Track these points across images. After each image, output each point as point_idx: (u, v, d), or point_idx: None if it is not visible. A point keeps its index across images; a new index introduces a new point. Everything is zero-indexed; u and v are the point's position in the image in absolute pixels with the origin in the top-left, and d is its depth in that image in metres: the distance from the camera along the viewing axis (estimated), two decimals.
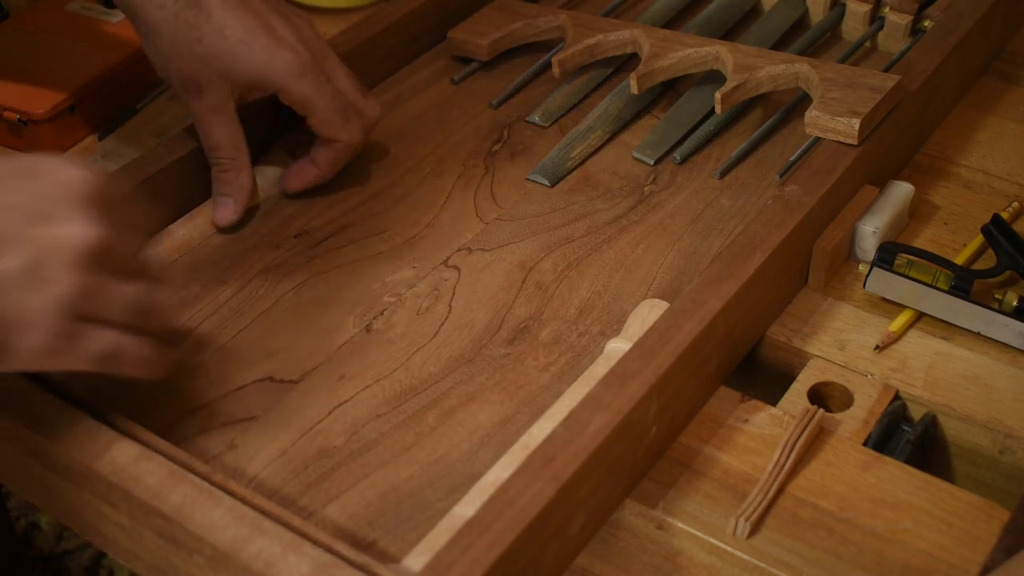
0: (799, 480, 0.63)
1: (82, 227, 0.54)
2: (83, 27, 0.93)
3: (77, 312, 0.54)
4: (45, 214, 0.54)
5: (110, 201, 0.56)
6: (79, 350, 0.55)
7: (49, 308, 0.53)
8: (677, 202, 0.80)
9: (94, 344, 0.55)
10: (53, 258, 0.53)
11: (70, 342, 0.54)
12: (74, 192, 0.55)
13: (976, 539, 0.60)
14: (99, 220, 0.55)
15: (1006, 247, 0.73)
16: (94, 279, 0.54)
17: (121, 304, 0.56)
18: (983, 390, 0.68)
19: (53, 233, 0.53)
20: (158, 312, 0.59)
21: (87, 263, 0.54)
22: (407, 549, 0.58)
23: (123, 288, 0.56)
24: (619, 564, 0.60)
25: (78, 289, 0.53)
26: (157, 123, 0.89)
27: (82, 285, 0.54)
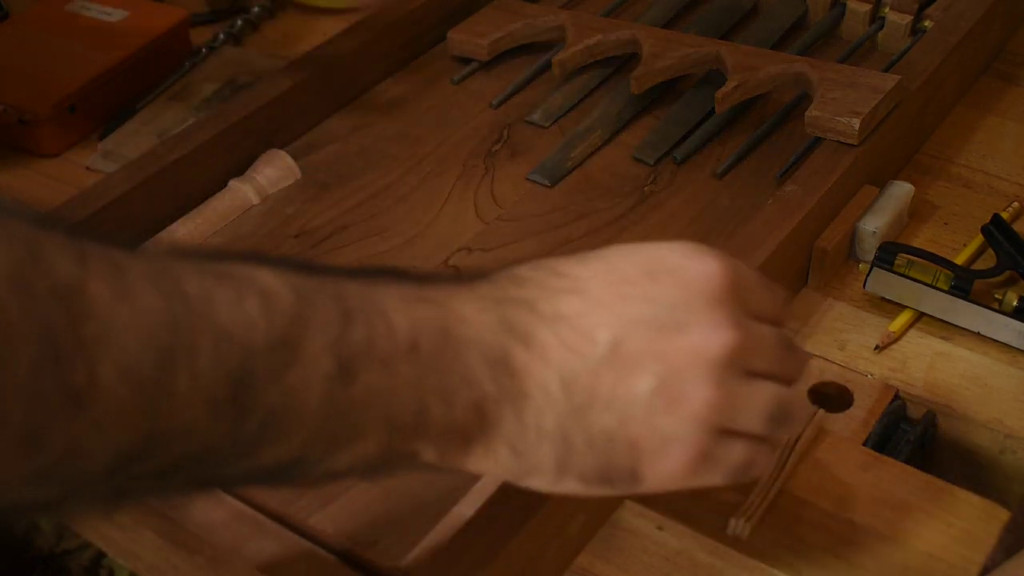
0: (799, 480, 0.63)
1: (716, 333, 0.47)
2: (83, 27, 0.93)
3: (716, 428, 0.48)
4: (677, 323, 0.47)
5: (746, 290, 0.50)
6: (717, 467, 0.48)
7: (688, 429, 0.47)
8: (677, 202, 0.80)
9: (732, 458, 0.49)
10: (689, 373, 0.47)
11: (708, 461, 0.48)
12: (707, 292, 0.48)
13: (976, 539, 0.60)
14: (734, 321, 0.48)
15: (1006, 247, 0.73)
16: (732, 389, 0.48)
17: (761, 410, 0.49)
18: (983, 390, 0.68)
19: (686, 344, 0.47)
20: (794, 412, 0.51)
21: (724, 373, 0.47)
22: (407, 549, 0.58)
23: (763, 391, 0.49)
24: (619, 564, 0.60)
25: (717, 405, 0.47)
26: (157, 123, 0.89)
27: (721, 399, 0.47)
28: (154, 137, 0.87)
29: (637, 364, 0.46)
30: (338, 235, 0.78)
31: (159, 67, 0.93)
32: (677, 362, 0.47)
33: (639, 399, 0.46)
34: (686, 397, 0.47)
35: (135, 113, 0.90)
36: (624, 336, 0.47)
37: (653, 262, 0.49)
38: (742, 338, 0.48)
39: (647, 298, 0.48)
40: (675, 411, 0.47)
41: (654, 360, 0.47)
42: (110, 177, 0.76)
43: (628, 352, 0.47)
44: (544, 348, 0.46)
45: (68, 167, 0.87)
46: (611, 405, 0.46)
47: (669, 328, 0.47)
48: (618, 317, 0.47)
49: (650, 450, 0.47)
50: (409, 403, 0.44)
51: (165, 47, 0.94)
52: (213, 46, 0.96)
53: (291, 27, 1.02)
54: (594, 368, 0.46)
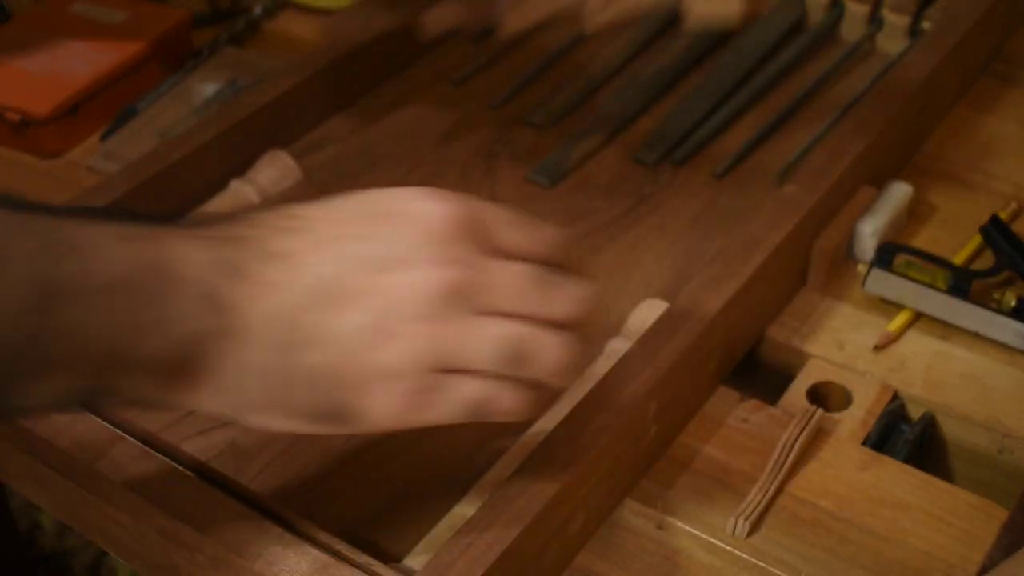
0: (798, 480, 0.63)
1: (433, 269, 0.47)
2: (85, 28, 0.93)
3: (434, 365, 0.48)
4: (393, 260, 0.48)
5: (490, 229, 0.50)
6: (439, 405, 0.48)
7: (401, 365, 0.47)
8: (677, 202, 0.81)
9: (457, 396, 0.48)
10: (403, 308, 0.47)
11: (428, 397, 0.48)
12: (432, 231, 0.48)
13: (975, 538, 0.60)
14: (457, 258, 0.48)
15: (1004, 247, 0.73)
16: (451, 326, 0.47)
17: (488, 347, 0.48)
18: (981, 390, 0.68)
19: (398, 281, 0.47)
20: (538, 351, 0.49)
21: (441, 309, 0.47)
22: (407, 549, 0.58)
23: (491, 328, 0.48)
24: (619, 563, 0.60)
25: (431, 340, 0.47)
26: (158, 123, 0.89)
27: (435, 335, 0.47)
28: (155, 138, 0.87)
29: (350, 300, 0.47)
30: None
31: (160, 68, 0.93)
32: (391, 298, 0.47)
33: (350, 335, 0.47)
34: (398, 333, 0.47)
35: (136, 114, 0.90)
36: (338, 273, 0.47)
37: (383, 204, 0.49)
38: (465, 275, 0.48)
39: (368, 236, 0.48)
40: (387, 347, 0.47)
41: (367, 296, 0.47)
42: (111, 178, 0.76)
43: (341, 289, 0.47)
44: (255, 285, 0.47)
45: (69, 168, 0.87)
46: (321, 342, 0.47)
47: (385, 265, 0.47)
48: (335, 254, 0.48)
49: (363, 386, 0.47)
50: (115, 337, 0.44)
51: (166, 48, 0.94)
52: (214, 47, 0.97)
53: (291, 28, 1.02)
54: (305, 304, 0.47)
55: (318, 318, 0.47)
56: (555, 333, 0.50)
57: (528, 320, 0.49)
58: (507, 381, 0.49)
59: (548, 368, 0.50)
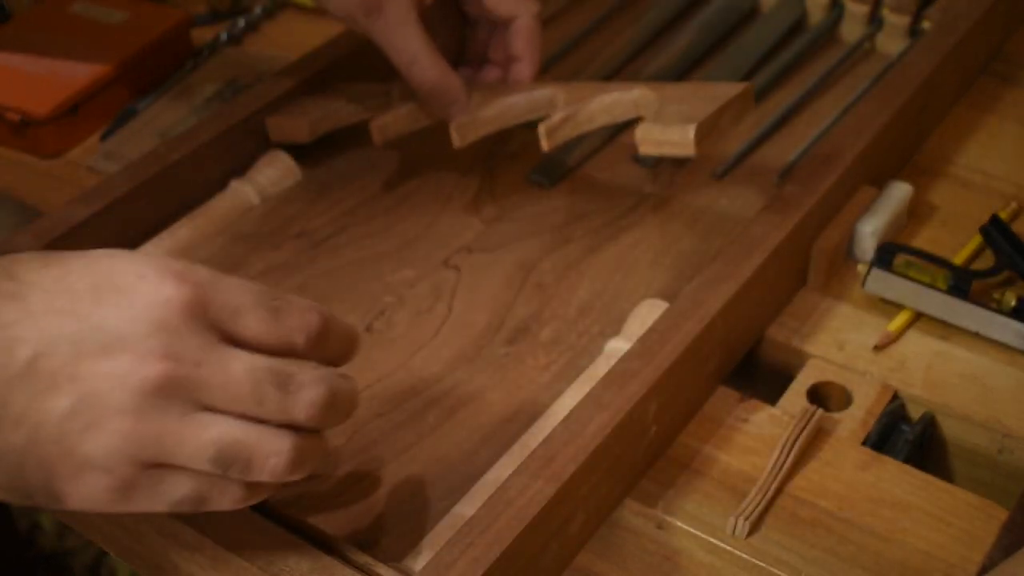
0: (798, 480, 0.63)
1: (144, 361, 0.45)
2: (85, 28, 0.93)
3: (141, 461, 0.46)
4: (106, 346, 0.45)
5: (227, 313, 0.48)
6: (146, 500, 0.47)
7: (105, 459, 0.45)
8: (677, 202, 0.81)
9: (166, 493, 0.47)
10: (110, 399, 0.45)
11: (133, 492, 0.46)
12: (153, 316, 0.46)
13: (975, 538, 0.60)
14: (173, 351, 0.46)
15: (1004, 247, 0.73)
16: (160, 423, 0.45)
17: (200, 447, 0.46)
18: (981, 390, 0.68)
19: (107, 369, 0.45)
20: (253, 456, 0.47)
21: (149, 404, 0.45)
22: (407, 549, 0.58)
23: (206, 428, 0.46)
24: (619, 563, 0.60)
25: (136, 437, 0.45)
26: (158, 123, 0.89)
27: (140, 431, 0.45)
28: (155, 138, 0.87)
29: (54, 384, 0.45)
30: (338, 235, 0.78)
31: (160, 68, 0.93)
32: (97, 387, 0.45)
33: (52, 420, 0.45)
34: (103, 425, 0.45)
35: (136, 114, 0.90)
36: (45, 352, 0.45)
37: (108, 277, 0.47)
38: (179, 370, 0.46)
39: (82, 316, 0.46)
40: (91, 437, 0.45)
41: (71, 381, 0.45)
42: (111, 178, 0.76)
43: (46, 370, 0.45)
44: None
45: (70, 168, 0.87)
46: (22, 422, 0.45)
47: (94, 350, 0.45)
48: (43, 332, 0.45)
49: (65, 473, 0.46)
50: None
51: (166, 48, 0.94)
52: (214, 47, 0.97)
53: (291, 28, 1.02)
54: (7, 382, 0.45)
55: (25, 399, 0.45)
56: (278, 435, 0.47)
57: (251, 420, 0.47)
58: (223, 480, 0.48)
59: (268, 472, 0.47)
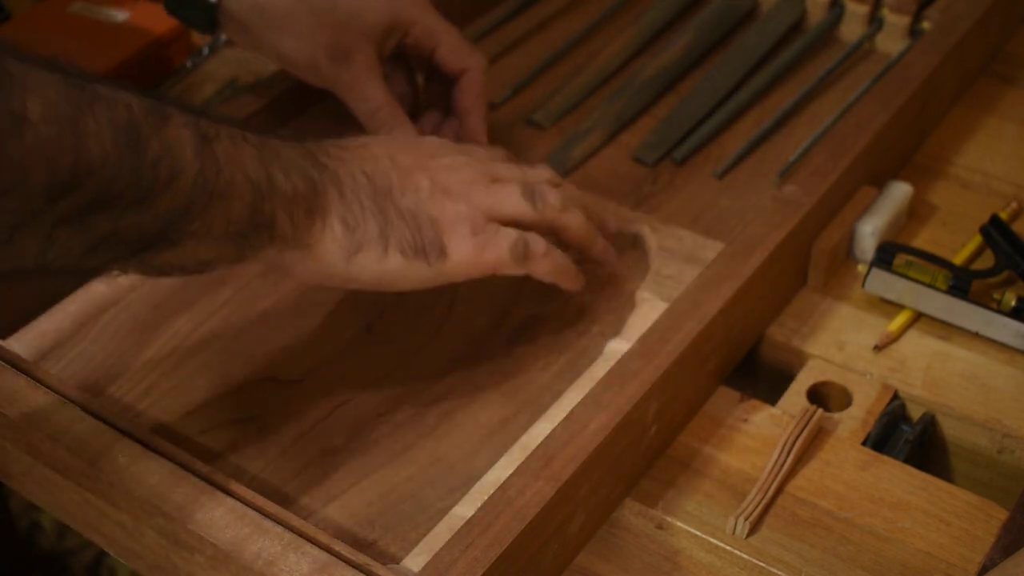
0: (798, 479, 0.63)
1: (459, 158, 0.66)
2: (85, 28, 0.93)
3: (485, 213, 0.63)
4: (429, 155, 0.66)
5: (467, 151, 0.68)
6: (496, 244, 0.63)
7: (463, 213, 0.63)
8: (677, 202, 0.81)
9: (506, 237, 0.63)
10: (450, 177, 0.64)
11: (485, 238, 0.63)
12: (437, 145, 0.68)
13: (974, 538, 0.60)
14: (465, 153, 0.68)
15: (1004, 247, 0.73)
16: (485, 189, 0.65)
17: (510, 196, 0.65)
18: (981, 390, 0.68)
19: (440, 163, 0.65)
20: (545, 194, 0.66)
21: (474, 176, 0.65)
22: (407, 549, 0.58)
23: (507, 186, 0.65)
24: (619, 563, 0.60)
25: (478, 194, 0.64)
26: None
27: (479, 191, 0.64)
28: None
29: (412, 170, 0.64)
30: None
31: (160, 68, 0.93)
32: (438, 172, 0.64)
33: (423, 188, 0.63)
34: (453, 190, 0.64)
35: None
36: (397, 156, 0.64)
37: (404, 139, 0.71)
38: (476, 159, 0.67)
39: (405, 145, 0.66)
40: (451, 199, 0.63)
41: (422, 169, 0.64)
42: None
43: (403, 164, 0.64)
44: (341, 156, 0.62)
45: None
46: (406, 191, 0.62)
47: (426, 155, 0.65)
48: (390, 149, 0.64)
49: (447, 223, 0.62)
50: (257, 169, 0.56)
51: (166, 48, 0.94)
52: (214, 47, 0.97)
53: None
54: (384, 168, 0.63)
55: (399, 176, 0.63)
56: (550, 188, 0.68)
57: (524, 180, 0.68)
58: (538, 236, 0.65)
59: (555, 205, 0.66)
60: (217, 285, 0.74)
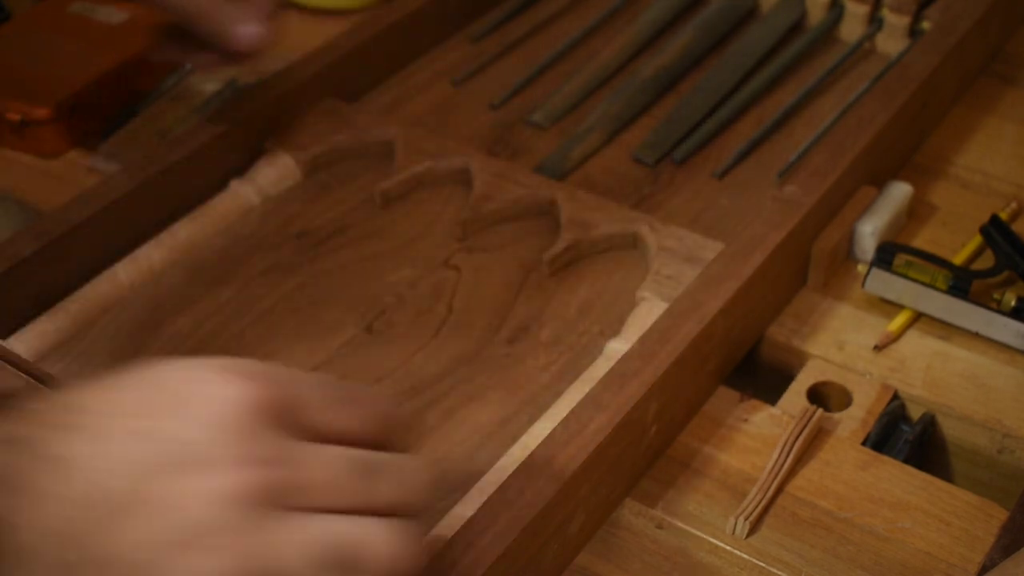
0: (798, 479, 0.63)
1: (229, 474, 0.41)
2: (85, 28, 0.93)
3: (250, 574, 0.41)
4: (186, 462, 0.41)
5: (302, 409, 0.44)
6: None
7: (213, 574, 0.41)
8: (677, 202, 0.81)
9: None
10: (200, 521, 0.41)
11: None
12: (223, 422, 0.42)
13: (975, 538, 0.60)
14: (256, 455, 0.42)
15: (1004, 247, 0.73)
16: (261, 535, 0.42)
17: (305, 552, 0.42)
18: (981, 390, 0.68)
19: (194, 487, 0.41)
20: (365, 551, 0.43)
21: (247, 517, 0.41)
22: None
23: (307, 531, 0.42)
24: (619, 563, 0.60)
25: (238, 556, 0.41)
26: (158, 124, 0.89)
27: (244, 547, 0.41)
28: (155, 138, 0.87)
29: (139, 512, 0.41)
30: (339, 235, 0.78)
31: (160, 68, 0.93)
32: (189, 509, 0.41)
33: (142, 554, 0.41)
34: (201, 548, 0.41)
35: (136, 114, 0.90)
36: (123, 480, 0.41)
37: (171, 388, 0.43)
38: (269, 475, 0.42)
39: (156, 433, 0.42)
40: (188, 565, 0.41)
41: (160, 507, 0.41)
42: (111, 178, 0.76)
43: (128, 499, 0.41)
44: (31, 497, 0.41)
45: (69, 168, 0.87)
46: (108, 562, 0.41)
47: (178, 469, 0.41)
48: (118, 457, 0.42)
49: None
50: None
51: None
52: None
53: (291, 28, 1.02)
54: (88, 519, 0.41)
55: (104, 535, 0.41)
56: (383, 524, 0.44)
57: (351, 513, 0.43)
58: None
59: (382, 564, 0.43)
60: (217, 285, 0.74)
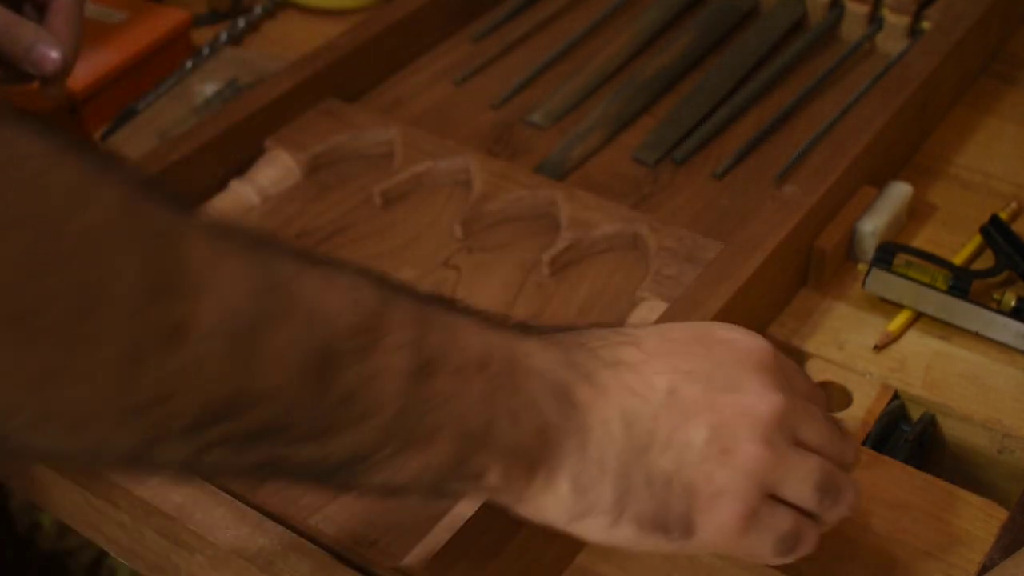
0: None
1: (766, 395, 0.49)
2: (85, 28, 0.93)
3: (764, 487, 0.49)
4: (728, 381, 0.50)
5: (787, 371, 0.53)
6: (764, 530, 0.49)
7: (739, 482, 0.48)
8: (677, 202, 0.81)
9: (780, 524, 0.50)
10: (740, 428, 0.49)
11: (757, 522, 0.49)
12: (755, 360, 0.51)
13: (974, 538, 0.60)
14: (782, 387, 0.50)
15: (1004, 247, 0.73)
16: (780, 450, 0.49)
17: (808, 477, 0.50)
18: (981, 390, 0.68)
19: (737, 401, 0.49)
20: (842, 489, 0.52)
21: (772, 434, 0.49)
22: (407, 549, 0.58)
23: (810, 459, 0.50)
24: (619, 563, 0.60)
25: (765, 461, 0.49)
26: (158, 124, 0.89)
27: (769, 457, 0.49)
28: (155, 138, 0.87)
29: (692, 413, 0.48)
30: (339, 235, 0.78)
31: (160, 68, 0.93)
32: (728, 416, 0.49)
33: (694, 445, 0.48)
34: (737, 450, 0.48)
35: (136, 114, 0.90)
36: (680, 386, 0.49)
37: (704, 332, 0.52)
38: (791, 404, 0.50)
39: (699, 356, 0.50)
40: (727, 462, 0.48)
41: (708, 411, 0.48)
42: None
43: (684, 401, 0.49)
44: (606, 387, 0.48)
45: None
46: (668, 448, 0.48)
47: (721, 385, 0.49)
48: (674, 368, 0.49)
49: (704, 497, 0.48)
50: (479, 415, 0.45)
51: (166, 48, 0.94)
52: (214, 47, 0.97)
53: (291, 28, 1.02)
54: (653, 412, 0.48)
55: (668, 426, 0.48)
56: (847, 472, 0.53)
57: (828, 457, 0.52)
58: (815, 518, 0.51)
59: (848, 502, 0.52)
60: None
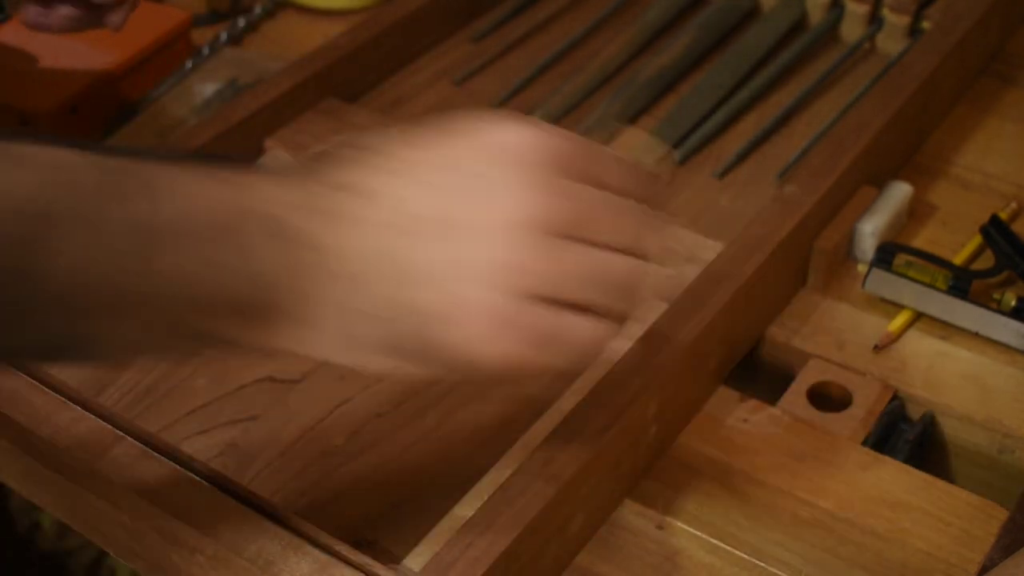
0: (798, 479, 0.63)
1: (518, 195, 0.46)
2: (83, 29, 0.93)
3: (520, 292, 0.46)
4: (475, 186, 0.46)
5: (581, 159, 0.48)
6: (533, 336, 0.46)
7: (481, 293, 0.45)
8: (677, 202, 0.81)
9: (537, 322, 0.46)
10: (484, 236, 0.46)
11: (514, 328, 0.46)
12: (515, 157, 0.47)
13: (974, 538, 0.60)
14: (543, 184, 0.46)
15: (1004, 247, 0.73)
16: (538, 252, 0.46)
17: (580, 276, 0.47)
18: (981, 390, 0.68)
19: (484, 207, 0.46)
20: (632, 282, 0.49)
21: (525, 236, 0.46)
22: (407, 549, 0.58)
23: (582, 256, 0.47)
24: (619, 563, 0.60)
25: (514, 266, 0.46)
26: (159, 123, 0.89)
27: (519, 261, 0.46)
28: (155, 138, 0.87)
29: (437, 230, 0.46)
30: None
31: (160, 68, 0.93)
32: (474, 225, 0.46)
33: (428, 264, 0.46)
34: (479, 260, 0.46)
35: (136, 114, 0.90)
36: (422, 203, 0.46)
37: (461, 130, 0.48)
38: (551, 201, 0.46)
39: (446, 163, 0.47)
40: (468, 275, 0.46)
41: (455, 225, 0.46)
42: None
43: (427, 219, 0.46)
44: (339, 221, 0.46)
45: None
46: (395, 273, 0.46)
47: (467, 191, 0.46)
48: (417, 184, 0.47)
49: (440, 315, 0.46)
50: (204, 279, 0.44)
51: (166, 48, 0.94)
52: (214, 47, 0.97)
53: (291, 28, 1.02)
54: (392, 238, 0.46)
55: (407, 251, 0.46)
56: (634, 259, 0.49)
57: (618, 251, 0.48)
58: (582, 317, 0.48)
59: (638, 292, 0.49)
60: None
